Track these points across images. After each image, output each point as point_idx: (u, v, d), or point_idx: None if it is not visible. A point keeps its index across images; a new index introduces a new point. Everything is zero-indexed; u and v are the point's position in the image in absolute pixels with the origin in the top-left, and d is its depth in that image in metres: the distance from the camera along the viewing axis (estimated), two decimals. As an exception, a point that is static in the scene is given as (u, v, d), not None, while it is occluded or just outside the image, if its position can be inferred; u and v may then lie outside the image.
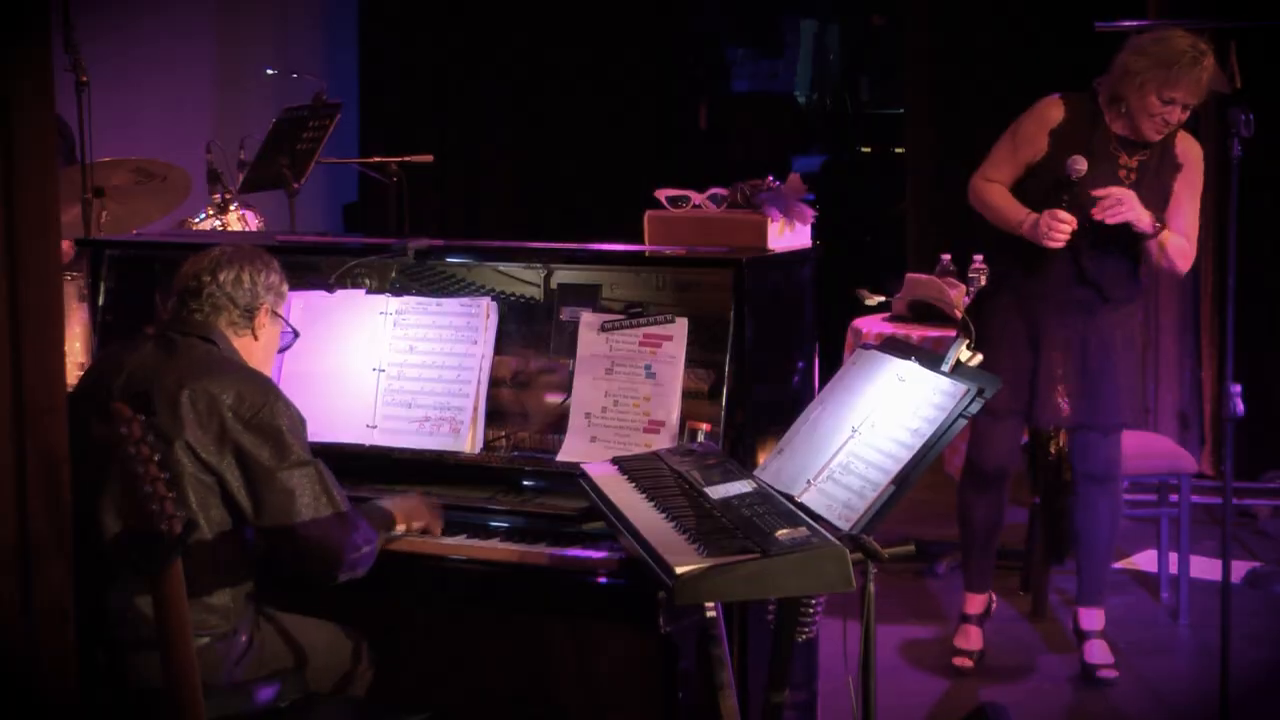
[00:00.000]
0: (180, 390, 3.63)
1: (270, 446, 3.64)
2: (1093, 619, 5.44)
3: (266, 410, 3.66)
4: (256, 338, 3.88)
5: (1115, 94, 5.14)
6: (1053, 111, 5.20)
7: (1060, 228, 5.01)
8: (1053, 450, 5.89)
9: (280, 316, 3.96)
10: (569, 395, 4.27)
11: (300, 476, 3.65)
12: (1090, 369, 5.21)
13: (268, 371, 3.94)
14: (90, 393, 3.71)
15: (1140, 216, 5.05)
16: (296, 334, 4.13)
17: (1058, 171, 5.07)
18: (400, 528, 3.98)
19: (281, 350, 4.05)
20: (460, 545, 4.00)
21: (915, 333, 6.31)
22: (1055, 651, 5.67)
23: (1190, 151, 5.22)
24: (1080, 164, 5.03)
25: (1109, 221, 5.03)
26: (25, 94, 2.99)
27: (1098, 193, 5.03)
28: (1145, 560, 6.58)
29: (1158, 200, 5.15)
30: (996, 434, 5.32)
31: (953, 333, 5.52)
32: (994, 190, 5.24)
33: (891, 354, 3.78)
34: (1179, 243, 5.16)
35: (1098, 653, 5.40)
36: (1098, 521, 5.37)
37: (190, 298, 3.84)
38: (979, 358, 3.62)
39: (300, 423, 3.72)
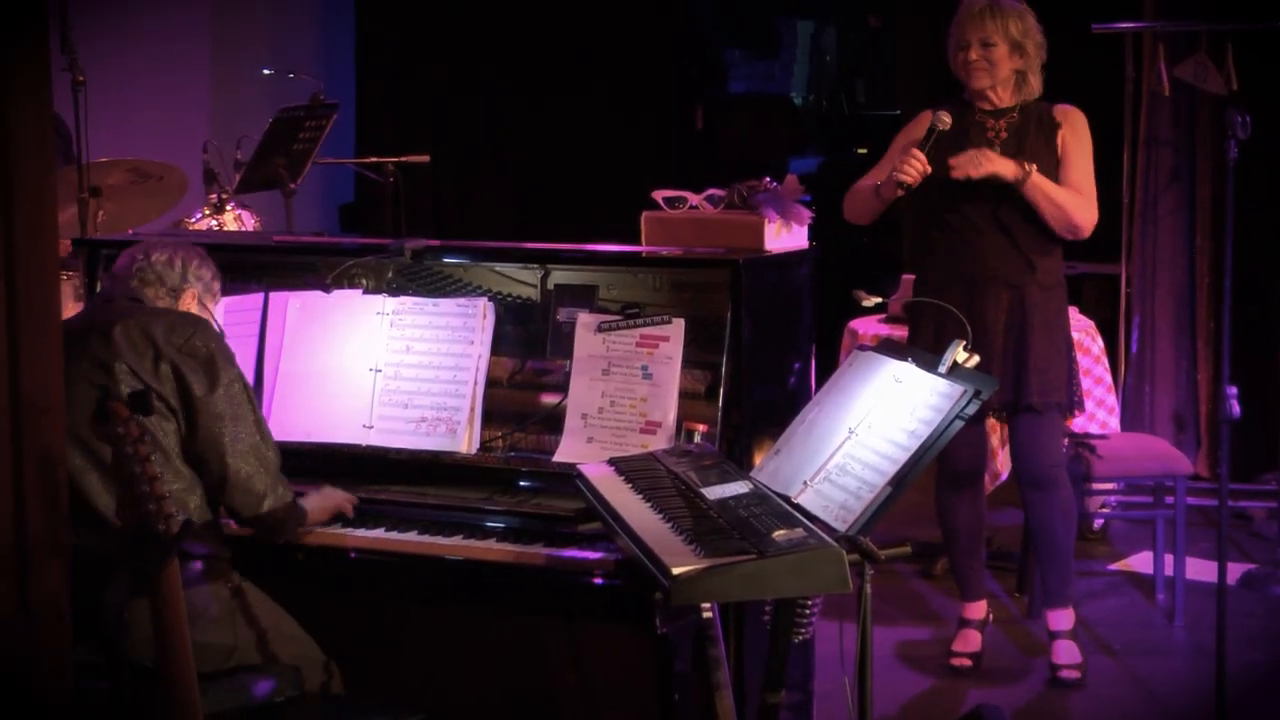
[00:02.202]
0: (113, 326, 3.78)
1: (203, 373, 3.77)
2: (1060, 620, 5.44)
3: (199, 336, 3.80)
4: None
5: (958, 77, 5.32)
6: (924, 116, 5.27)
7: (913, 164, 5.05)
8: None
9: (208, 309, 4.06)
10: (565, 396, 4.27)
11: (228, 410, 3.78)
12: (1018, 348, 5.21)
13: None
14: None
15: (1001, 167, 5.11)
16: (221, 332, 4.20)
17: (939, 168, 5.13)
18: (312, 519, 4.03)
19: None
20: (456, 545, 4.00)
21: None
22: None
23: (1070, 113, 5.30)
24: (945, 116, 5.14)
25: (973, 175, 5.10)
26: (22, 92, 2.99)
27: (952, 161, 5.12)
28: (1141, 562, 6.59)
29: (1045, 157, 5.20)
30: (961, 432, 5.32)
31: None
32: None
33: (888, 355, 3.78)
34: (1066, 193, 5.19)
35: (1064, 653, 5.40)
36: (1051, 525, 5.36)
37: (123, 274, 4.01)
38: (976, 359, 3.63)
39: (232, 359, 3.86)
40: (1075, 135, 5.26)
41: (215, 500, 3.84)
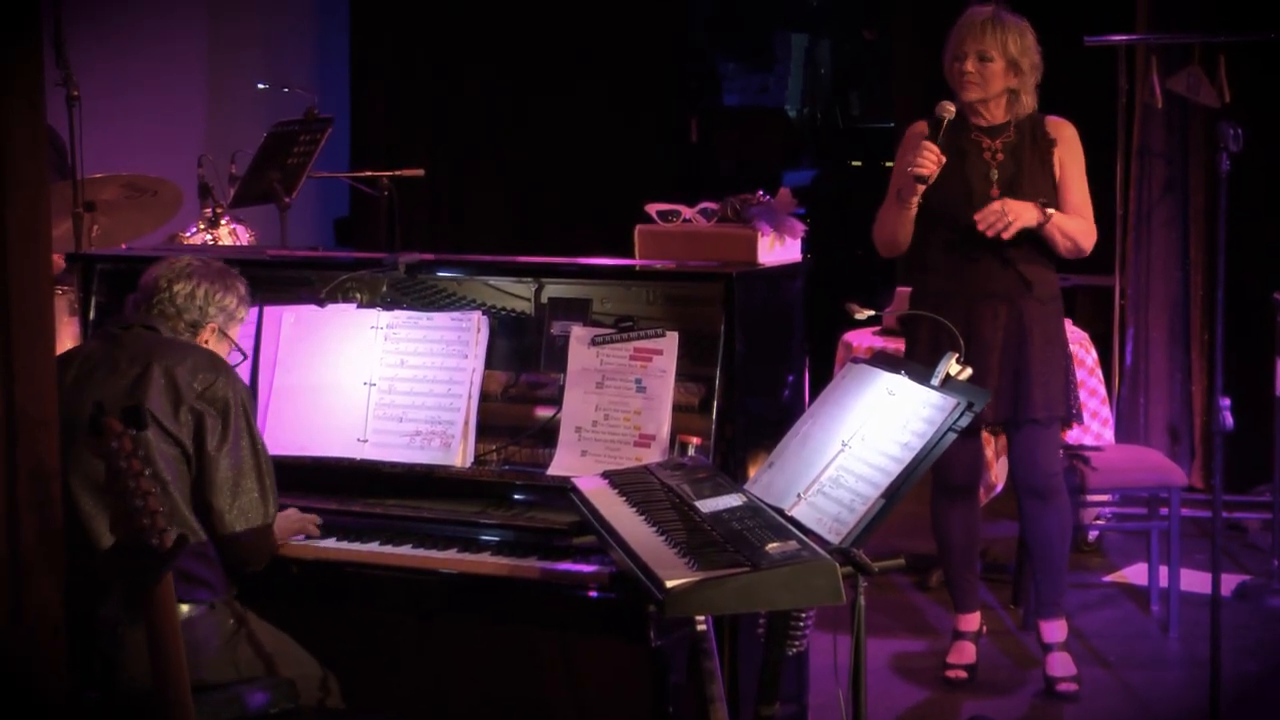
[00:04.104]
0: (149, 368, 3.75)
1: (220, 422, 3.76)
2: (1054, 631, 5.44)
3: (219, 383, 3.79)
4: None
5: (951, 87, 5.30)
6: (918, 128, 5.25)
7: (928, 155, 5.04)
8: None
9: (229, 338, 4.03)
10: (559, 409, 4.27)
11: (232, 457, 3.77)
12: (1016, 364, 5.21)
13: None
14: None
15: (1026, 218, 5.10)
16: (245, 355, 4.18)
17: (941, 177, 5.13)
18: (281, 540, 4.03)
19: None
20: (451, 559, 4.00)
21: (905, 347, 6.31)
22: (1046, 665, 5.67)
23: (1062, 128, 5.28)
24: (950, 105, 5.11)
25: (1005, 237, 5.08)
26: (16, 105, 3.00)
27: (978, 217, 5.08)
28: (1135, 573, 6.59)
29: (1041, 177, 5.20)
30: (956, 444, 5.33)
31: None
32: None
33: (881, 368, 3.79)
34: (1077, 222, 5.20)
35: (1059, 666, 5.41)
36: (1047, 535, 5.37)
37: (141, 298, 3.96)
38: (969, 371, 3.63)
39: (250, 403, 3.86)
40: (1071, 154, 5.25)
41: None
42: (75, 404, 3.59)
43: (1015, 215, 5.07)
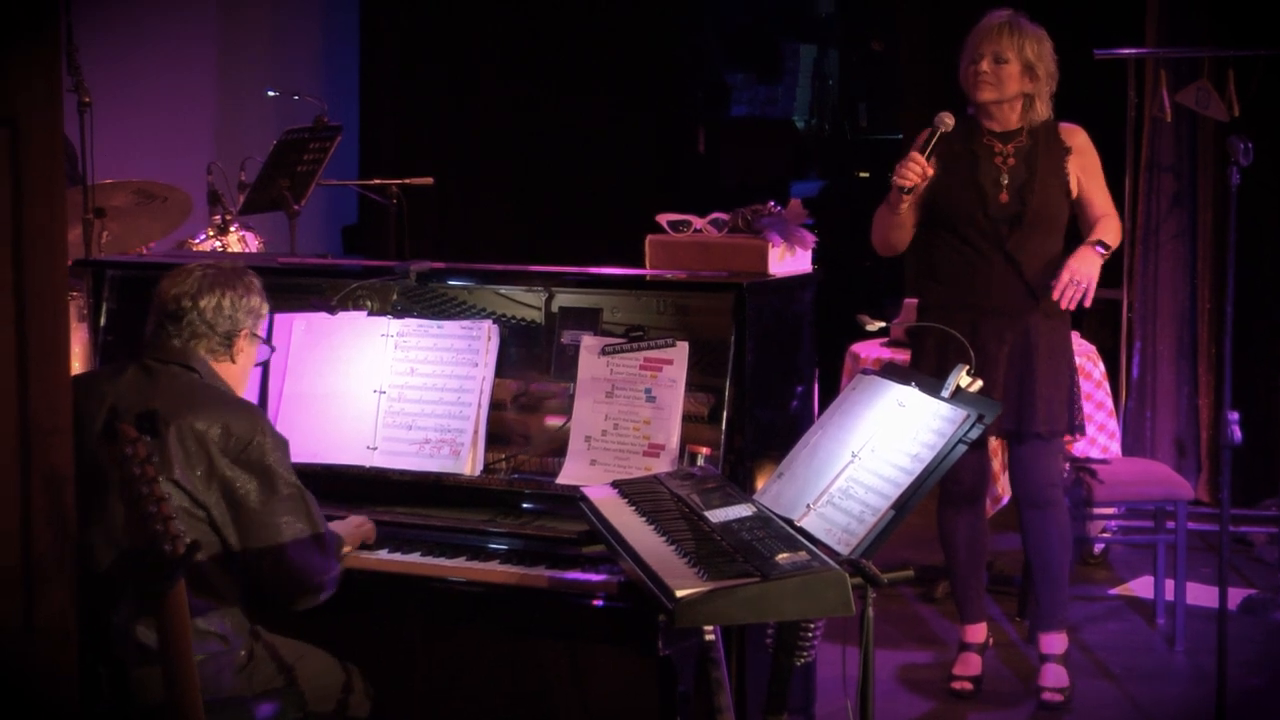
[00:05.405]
0: (167, 428, 3.62)
1: (258, 482, 3.67)
2: (1053, 643, 5.44)
3: (254, 447, 3.68)
4: (234, 361, 3.90)
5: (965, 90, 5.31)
6: (926, 134, 5.25)
7: (912, 167, 5.05)
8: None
9: (258, 336, 3.98)
10: (569, 418, 4.28)
11: (285, 512, 3.69)
12: (1021, 377, 5.22)
13: (243, 389, 3.95)
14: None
15: (1093, 269, 5.11)
16: (274, 349, 4.16)
17: (946, 180, 5.16)
18: (347, 549, 4.01)
19: (258, 364, 4.06)
20: (459, 567, 4.01)
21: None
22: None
23: (1075, 134, 5.30)
24: (948, 118, 5.11)
25: (1087, 305, 5.14)
26: (34, 114, 3.00)
27: (1055, 295, 5.09)
28: (1141, 586, 6.59)
29: (1054, 184, 5.21)
30: (963, 454, 5.34)
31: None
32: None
33: (891, 379, 3.79)
34: (1112, 226, 5.24)
35: (1051, 676, 5.41)
36: (1048, 547, 5.37)
37: (169, 321, 3.84)
38: (979, 383, 3.64)
39: (285, 450, 3.74)
40: (1088, 161, 5.27)
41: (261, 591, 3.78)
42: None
43: (1085, 276, 5.09)
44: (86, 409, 3.66)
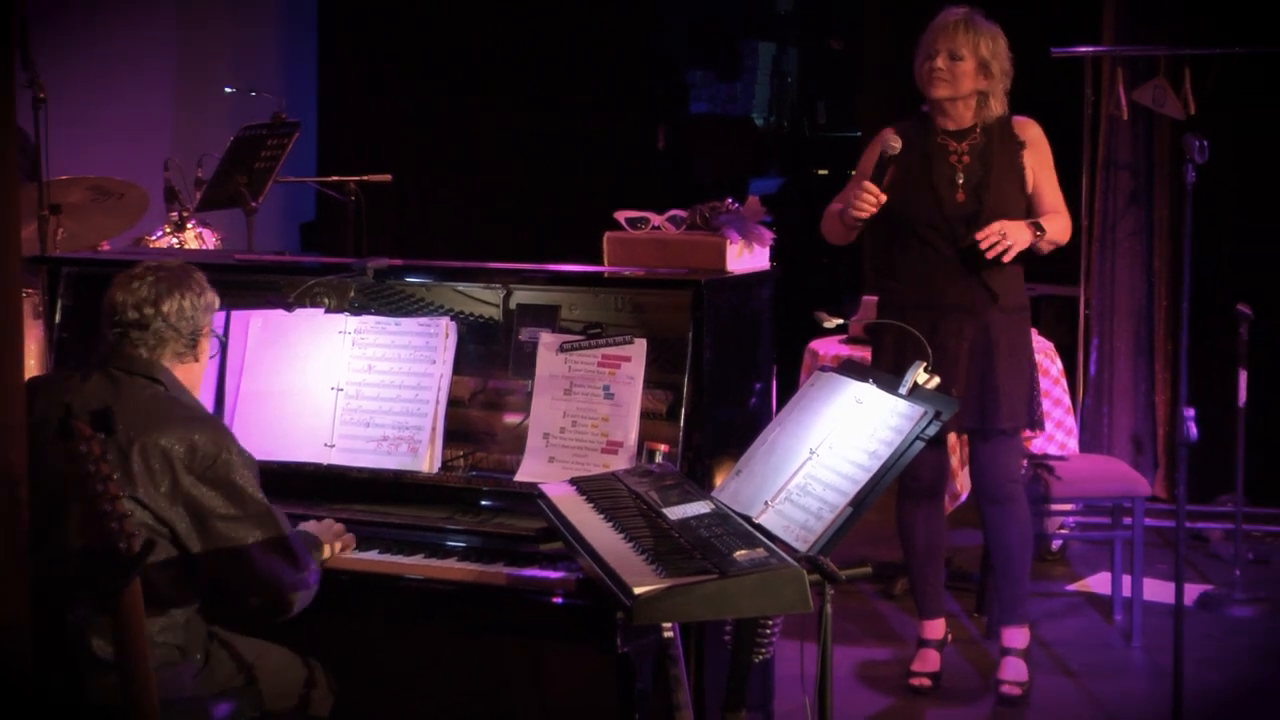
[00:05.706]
0: (131, 445, 3.58)
1: (223, 498, 3.64)
2: (1014, 637, 5.46)
3: (221, 464, 3.64)
4: (198, 360, 3.87)
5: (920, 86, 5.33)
6: (885, 134, 5.26)
7: (865, 198, 5.09)
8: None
9: (213, 331, 3.94)
10: (527, 415, 4.27)
11: (251, 526, 3.65)
12: (982, 374, 5.23)
13: (199, 390, 3.92)
14: (34, 425, 3.58)
15: (1023, 238, 5.13)
16: (223, 343, 4.14)
17: (902, 183, 5.18)
18: (326, 551, 3.99)
19: (210, 357, 4.03)
20: (417, 565, 4.00)
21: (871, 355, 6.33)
22: (1009, 673, 5.69)
23: (1028, 128, 5.33)
24: (895, 141, 5.12)
25: (1004, 260, 5.12)
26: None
27: (979, 236, 5.11)
28: (1099, 583, 6.62)
29: (1012, 175, 5.24)
30: (922, 450, 5.35)
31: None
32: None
33: (849, 376, 3.79)
34: (1058, 224, 5.25)
35: (1010, 670, 5.43)
36: (1008, 541, 5.39)
37: (133, 329, 3.77)
38: (936, 380, 3.64)
39: (253, 468, 3.70)
40: (1041, 155, 5.29)
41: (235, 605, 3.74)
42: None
43: (1013, 239, 5.10)
44: (48, 413, 3.61)
